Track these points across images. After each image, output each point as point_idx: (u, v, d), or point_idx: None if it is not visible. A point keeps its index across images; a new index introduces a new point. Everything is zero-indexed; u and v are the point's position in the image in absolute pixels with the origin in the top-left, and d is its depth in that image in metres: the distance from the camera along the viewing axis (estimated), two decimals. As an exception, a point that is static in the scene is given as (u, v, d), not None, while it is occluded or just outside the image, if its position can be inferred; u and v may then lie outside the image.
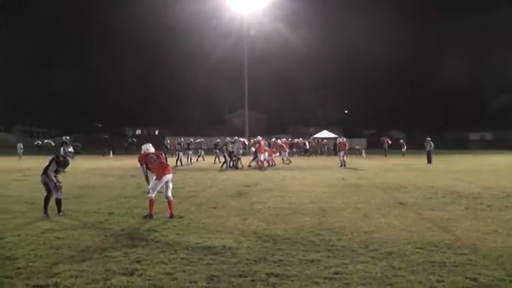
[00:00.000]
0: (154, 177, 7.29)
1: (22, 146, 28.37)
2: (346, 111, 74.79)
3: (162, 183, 7.25)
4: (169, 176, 7.41)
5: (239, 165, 19.49)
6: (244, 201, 9.38)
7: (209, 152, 27.16)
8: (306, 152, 35.21)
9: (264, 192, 10.79)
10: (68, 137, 22.94)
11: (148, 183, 7.41)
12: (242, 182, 13.12)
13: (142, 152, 7.61)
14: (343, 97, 70.61)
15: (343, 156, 19.57)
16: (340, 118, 72.35)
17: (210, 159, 24.57)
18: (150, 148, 7.66)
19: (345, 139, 20.22)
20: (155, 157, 7.45)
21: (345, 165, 19.36)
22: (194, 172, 17.07)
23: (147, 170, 7.44)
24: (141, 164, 7.41)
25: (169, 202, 7.42)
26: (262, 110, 66.30)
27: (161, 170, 7.30)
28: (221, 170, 18.26)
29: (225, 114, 69.04)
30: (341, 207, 8.53)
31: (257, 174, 16.22)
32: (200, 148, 25.31)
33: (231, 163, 19.59)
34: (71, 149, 7.97)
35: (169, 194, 7.41)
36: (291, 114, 69.67)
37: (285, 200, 9.45)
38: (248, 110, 38.37)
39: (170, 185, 7.45)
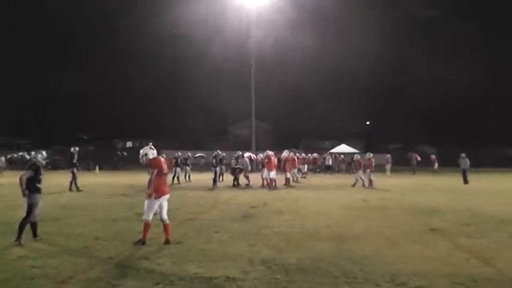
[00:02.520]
0: (150, 195, 7.10)
1: (4, 160, 28.44)
2: (367, 123, 74.34)
3: (159, 202, 7.19)
4: (167, 196, 7.39)
5: (249, 182, 19.52)
6: (250, 224, 9.28)
7: (209, 167, 26.95)
8: (327, 169, 35.22)
9: (273, 215, 10.64)
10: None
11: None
12: (248, 203, 13.01)
13: (151, 156, 7.29)
14: (364, 107, 69.98)
15: (370, 175, 19.47)
16: (361, 130, 71.60)
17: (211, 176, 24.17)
18: (155, 153, 7.41)
19: (371, 155, 20.01)
20: (165, 169, 7.40)
21: (371, 185, 19.20)
22: (193, 191, 16.96)
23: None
24: (153, 168, 7.15)
25: (164, 225, 7.37)
26: (270, 120, 66.13)
27: (163, 186, 7.28)
28: (213, 188, 18.27)
29: (229, 125, 68.77)
30: (362, 233, 8.42)
31: (265, 193, 16.09)
32: (199, 163, 25.36)
33: (234, 181, 19.68)
34: (42, 154, 7.83)
35: (165, 216, 7.36)
36: (303, 126, 69.27)
37: (298, 224, 9.34)
38: (255, 120, 38.04)
39: (166, 206, 7.41)
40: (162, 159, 7.49)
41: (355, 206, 12.46)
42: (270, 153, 19.17)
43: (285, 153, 20.23)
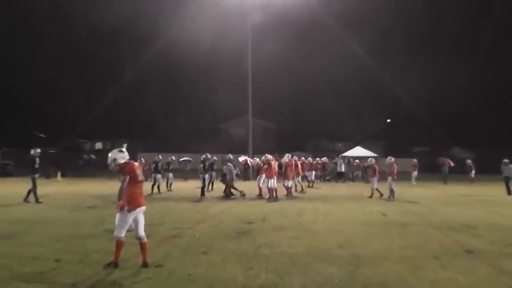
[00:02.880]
0: (122, 207, 6.99)
1: None
2: (388, 121, 73.17)
3: (134, 216, 7.15)
4: (143, 208, 7.35)
5: (237, 193, 19.58)
6: (246, 243, 9.21)
7: (196, 173, 25.78)
8: (339, 177, 34.53)
9: (274, 232, 10.55)
10: None
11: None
12: (244, 217, 12.93)
13: (121, 161, 7.21)
14: (384, 102, 68.77)
15: (391, 184, 19.23)
16: (380, 130, 69.70)
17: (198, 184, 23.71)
18: (126, 156, 7.37)
19: (393, 159, 19.97)
20: (140, 175, 7.31)
21: (392, 196, 19.04)
22: (177, 202, 16.84)
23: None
24: (125, 174, 7.09)
25: (141, 244, 7.30)
26: (272, 117, 65.05)
27: (138, 196, 7.22)
28: (201, 199, 18.26)
29: (221, 122, 67.14)
30: (382, 254, 8.35)
31: (264, 206, 15.97)
32: (185, 169, 25.13)
33: (226, 190, 19.67)
34: None
35: (142, 232, 7.31)
36: (311, 125, 67.63)
37: (304, 243, 9.25)
38: (253, 117, 37.57)
39: (142, 220, 7.36)
40: (136, 164, 7.44)
41: (373, 222, 12.34)
42: (270, 157, 19.01)
43: (286, 158, 20.08)
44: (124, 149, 7.57)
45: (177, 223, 11.86)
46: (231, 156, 21.88)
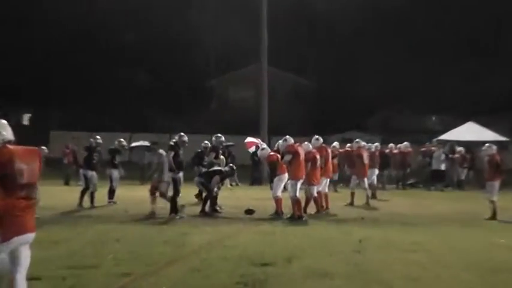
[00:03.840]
0: None
1: None
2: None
3: (10, 249, 5.57)
4: (30, 235, 5.68)
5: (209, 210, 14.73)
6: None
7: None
8: (436, 178, 24.09)
9: (309, 282, 7.57)
10: None
11: None
12: (252, 254, 9.50)
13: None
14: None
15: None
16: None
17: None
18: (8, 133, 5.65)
19: None
20: (23, 174, 5.56)
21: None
22: (127, 225, 12.67)
23: None
24: None
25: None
26: (305, 70, 47.79)
27: (19, 214, 5.58)
28: (173, 217, 14.14)
29: (211, 77, 48.68)
30: None
31: (289, 233, 12.12)
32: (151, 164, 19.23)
33: (203, 202, 15.08)
34: None
35: (23, 282, 5.73)
36: (377, 83, 45.35)
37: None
38: (270, 66, 28.02)
39: (26, 260, 5.67)
40: (18, 151, 5.51)
41: (501, 267, 9.00)
42: (291, 141, 14.23)
43: (309, 144, 15.41)
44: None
45: (126, 264, 8.47)
46: (220, 139, 16.20)
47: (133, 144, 23.25)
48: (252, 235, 11.82)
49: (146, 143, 22.50)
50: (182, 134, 14.96)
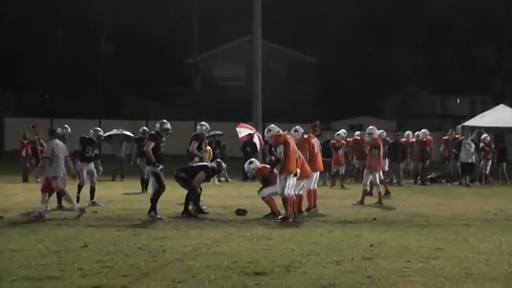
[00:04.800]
0: None
1: None
2: None
3: None
4: None
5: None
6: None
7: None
8: (466, 171, 23.12)
9: None
10: None
11: None
12: (245, 261, 9.23)
13: None
14: None
15: None
16: None
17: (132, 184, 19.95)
18: None
19: None
20: None
21: None
22: (97, 229, 12.65)
23: None
24: None
25: None
26: (307, 44, 45.01)
27: None
28: (155, 218, 13.36)
29: (193, 53, 43.97)
30: None
31: (287, 236, 11.90)
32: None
33: (189, 202, 14.92)
34: None
35: None
36: (392, 60, 43.39)
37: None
38: (265, 39, 26.87)
39: None
40: None
41: None
42: (276, 130, 13.74)
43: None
44: None
45: (95, 275, 8.10)
46: (206, 126, 15.90)
47: (109, 133, 22.49)
48: (244, 240, 11.51)
49: (123, 131, 22.33)
50: (164, 120, 14.52)
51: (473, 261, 9.17)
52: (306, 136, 15.32)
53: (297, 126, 15.34)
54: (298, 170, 13.90)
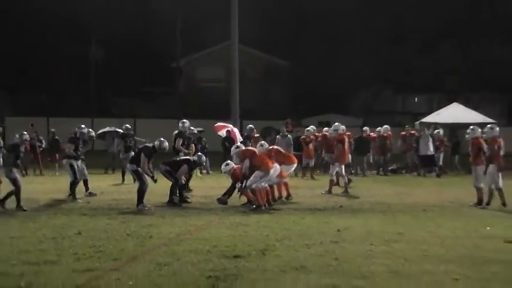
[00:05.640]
0: None
1: None
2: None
3: None
4: None
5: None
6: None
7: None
8: (426, 163, 23.93)
9: (286, 277, 7.49)
10: None
11: None
12: (224, 246, 9.45)
13: None
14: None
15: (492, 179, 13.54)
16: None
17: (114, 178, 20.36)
18: None
19: (496, 129, 14.97)
20: None
21: (503, 203, 13.87)
22: (89, 218, 12.85)
23: None
24: None
25: None
26: (281, 49, 46.29)
27: None
28: (144, 208, 13.99)
29: (177, 58, 46.03)
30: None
31: (266, 222, 12.17)
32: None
33: (174, 192, 14.96)
34: None
35: None
36: (359, 61, 45.01)
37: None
38: (242, 44, 28.83)
39: None
40: None
41: (486, 257, 9.00)
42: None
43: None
44: None
45: (88, 260, 8.32)
46: (186, 124, 16.54)
47: (103, 130, 22.90)
48: (224, 227, 11.77)
49: (115, 129, 22.75)
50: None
51: (431, 244, 9.55)
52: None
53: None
54: (276, 164, 14.32)
